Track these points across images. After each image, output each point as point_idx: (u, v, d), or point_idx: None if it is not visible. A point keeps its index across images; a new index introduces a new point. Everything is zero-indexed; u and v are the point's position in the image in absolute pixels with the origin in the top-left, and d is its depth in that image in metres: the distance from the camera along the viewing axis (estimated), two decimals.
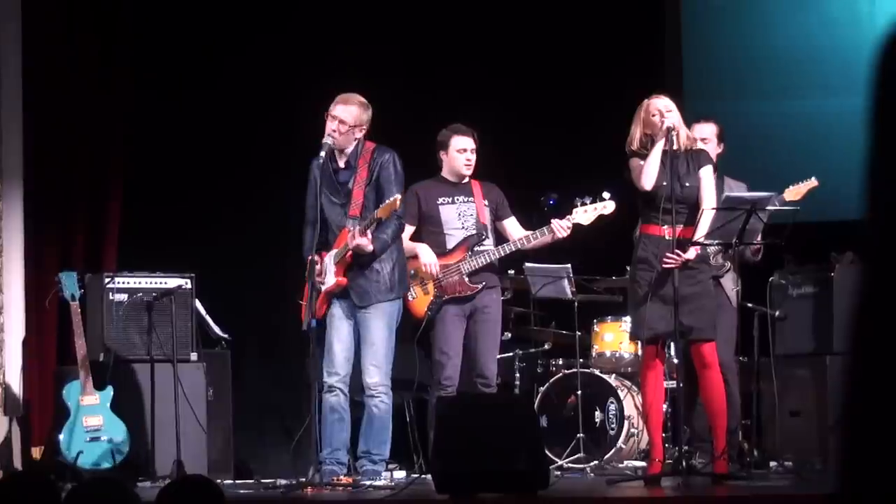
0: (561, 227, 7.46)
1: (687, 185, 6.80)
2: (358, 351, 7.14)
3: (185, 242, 8.76)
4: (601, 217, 7.49)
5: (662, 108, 6.81)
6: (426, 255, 7.49)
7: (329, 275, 7.09)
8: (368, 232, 6.91)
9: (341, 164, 7.15)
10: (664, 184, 6.69)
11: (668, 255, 6.69)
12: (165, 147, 9.13)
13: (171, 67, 9.25)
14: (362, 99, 7.08)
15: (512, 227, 7.68)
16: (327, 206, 7.12)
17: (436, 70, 9.37)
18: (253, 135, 9.21)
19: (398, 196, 6.91)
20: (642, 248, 6.85)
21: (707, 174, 6.87)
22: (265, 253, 8.67)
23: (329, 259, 7.09)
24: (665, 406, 7.82)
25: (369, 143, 7.14)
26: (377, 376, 7.07)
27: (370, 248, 6.96)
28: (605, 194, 7.48)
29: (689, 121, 7.22)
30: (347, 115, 7.02)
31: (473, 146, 7.58)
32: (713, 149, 7.38)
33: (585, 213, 7.47)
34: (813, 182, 7.59)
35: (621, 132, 6.94)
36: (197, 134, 9.16)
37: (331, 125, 7.02)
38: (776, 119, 9.30)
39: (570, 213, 7.48)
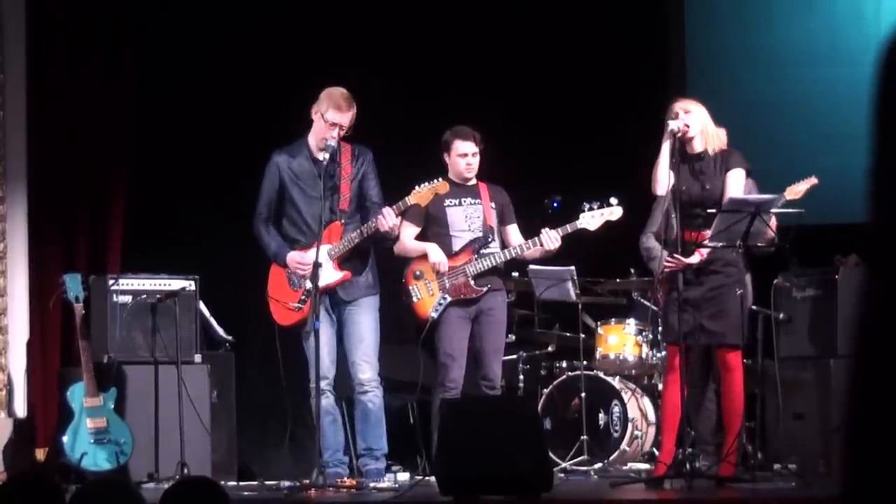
0: (549, 239, 7.31)
1: (708, 187, 6.75)
2: (340, 350, 7.17)
3: (189, 244, 8.76)
4: (608, 223, 7.37)
5: (679, 110, 6.75)
6: (436, 255, 7.44)
7: (328, 270, 7.08)
8: (400, 217, 7.08)
9: (320, 157, 7.14)
10: (683, 188, 6.66)
11: (667, 259, 6.67)
12: (169, 149, 9.13)
13: (176, 70, 9.25)
14: (348, 96, 7.13)
15: (513, 233, 7.64)
16: (301, 201, 7.14)
17: (440, 72, 9.36)
18: (257, 137, 9.19)
19: (443, 180, 7.13)
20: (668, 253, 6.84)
21: (735, 175, 6.78)
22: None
23: (322, 255, 7.03)
24: None
25: (343, 140, 7.21)
26: (369, 372, 7.11)
27: (396, 232, 7.11)
28: (613, 199, 7.34)
29: None
30: (350, 119, 7.09)
31: (475, 150, 7.52)
32: None
33: (592, 219, 7.32)
34: (812, 180, 7.56)
35: (624, 135, 6.92)
36: (201, 136, 9.16)
37: (331, 131, 7.06)
38: (779, 120, 9.29)
39: (577, 218, 7.35)
